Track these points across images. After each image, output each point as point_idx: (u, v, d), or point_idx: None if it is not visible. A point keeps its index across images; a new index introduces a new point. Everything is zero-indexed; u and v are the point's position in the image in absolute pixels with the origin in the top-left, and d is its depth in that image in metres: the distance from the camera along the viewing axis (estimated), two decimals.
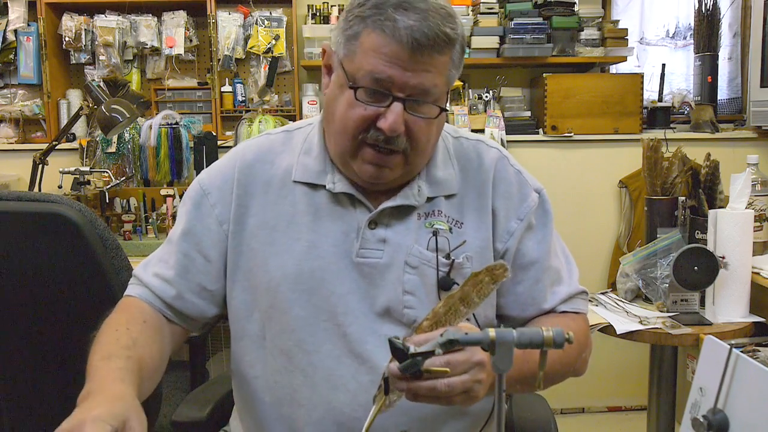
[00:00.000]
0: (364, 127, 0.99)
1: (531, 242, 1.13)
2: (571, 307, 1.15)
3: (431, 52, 0.95)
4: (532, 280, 1.13)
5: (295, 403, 1.07)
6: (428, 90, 0.97)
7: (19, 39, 2.96)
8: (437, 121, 1.03)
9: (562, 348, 0.75)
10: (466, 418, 1.11)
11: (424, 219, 1.09)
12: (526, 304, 1.13)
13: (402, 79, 0.95)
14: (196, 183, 1.15)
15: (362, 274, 1.07)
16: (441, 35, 0.94)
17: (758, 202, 2.04)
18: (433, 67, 0.96)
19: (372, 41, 0.95)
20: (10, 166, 2.99)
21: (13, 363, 1.46)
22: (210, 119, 3.07)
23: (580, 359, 1.12)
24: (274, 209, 1.10)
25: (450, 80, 1.01)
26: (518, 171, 1.16)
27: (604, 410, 3.12)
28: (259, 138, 1.18)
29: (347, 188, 1.08)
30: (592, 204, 3.02)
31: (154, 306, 1.10)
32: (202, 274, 1.11)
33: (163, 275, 1.11)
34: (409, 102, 0.97)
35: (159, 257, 1.14)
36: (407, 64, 0.95)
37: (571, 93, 2.93)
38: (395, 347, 0.80)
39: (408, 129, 0.99)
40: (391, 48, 0.94)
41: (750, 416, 0.93)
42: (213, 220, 1.11)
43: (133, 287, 1.13)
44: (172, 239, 1.13)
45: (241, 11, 3.02)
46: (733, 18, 3.16)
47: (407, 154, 1.02)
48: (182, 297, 1.10)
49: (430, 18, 0.94)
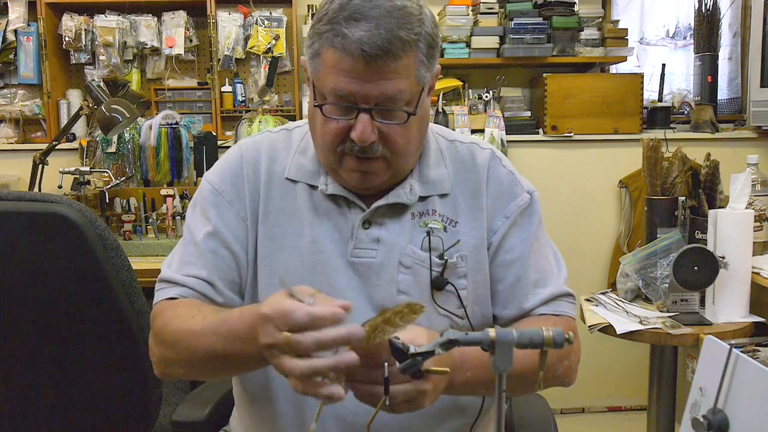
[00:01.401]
0: (340, 139, 1.00)
1: (514, 240, 1.12)
2: (553, 309, 1.13)
3: (386, 60, 0.94)
4: (513, 278, 1.12)
5: (297, 400, 1.07)
6: (393, 97, 0.97)
7: (19, 39, 2.96)
8: (417, 120, 1.02)
9: (561, 347, 0.75)
10: (463, 415, 1.12)
11: (419, 218, 1.10)
12: (507, 302, 1.13)
13: (363, 91, 0.95)
14: (207, 184, 1.15)
15: (357, 273, 1.08)
16: (395, 41, 0.93)
17: (758, 202, 2.04)
18: (393, 73, 0.95)
19: (329, 58, 0.96)
20: (10, 166, 2.99)
21: (13, 363, 1.46)
22: (210, 119, 3.07)
23: (562, 366, 1.06)
24: (278, 205, 1.11)
25: (420, 79, 0.99)
26: (510, 171, 1.16)
27: (604, 410, 3.12)
28: (261, 135, 1.19)
29: (339, 190, 1.09)
30: (592, 204, 3.02)
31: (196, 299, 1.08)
32: (233, 270, 1.10)
33: (198, 275, 1.08)
34: (376, 110, 0.98)
35: (182, 260, 1.11)
36: (365, 76, 0.94)
37: (571, 93, 2.93)
38: (395, 347, 0.80)
39: (383, 135, 0.99)
40: (347, 63, 0.94)
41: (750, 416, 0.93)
42: (233, 216, 1.11)
43: (167, 290, 1.09)
44: (196, 241, 1.11)
45: (241, 11, 3.01)
46: (733, 18, 3.16)
47: (388, 159, 1.02)
48: (222, 293, 1.09)
49: (383, 25, 0.93)
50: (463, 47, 2.92)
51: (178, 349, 0.99)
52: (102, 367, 1.45)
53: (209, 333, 0.93)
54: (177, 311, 1.03)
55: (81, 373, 1.46)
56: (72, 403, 1.48)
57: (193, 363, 0.99)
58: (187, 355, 0.98)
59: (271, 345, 0.81)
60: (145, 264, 2.16)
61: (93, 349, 1.45)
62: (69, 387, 1.47)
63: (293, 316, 0.78)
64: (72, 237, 1.32)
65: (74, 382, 1.47)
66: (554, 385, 1.08)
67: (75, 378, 1.46)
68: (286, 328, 0.79)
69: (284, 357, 0.79)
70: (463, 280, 1.10)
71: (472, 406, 1.12)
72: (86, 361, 1.45)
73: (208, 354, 0.94)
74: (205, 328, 0.94)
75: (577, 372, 1.11)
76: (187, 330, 0.97)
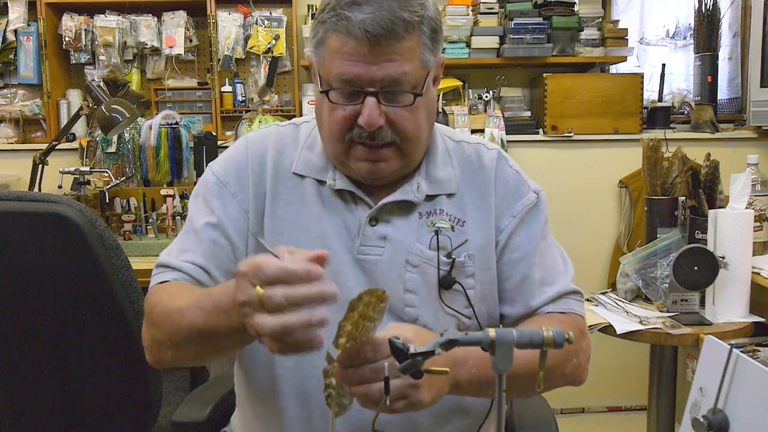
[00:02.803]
0: (347, 126, 1.00)
1: (521, 239, 1.13)
2: (561, 307, 1.13)
3: (390, 40, 0.94)
4: (520, 276, 1.12)
5: (301, 398, 1.07)
6: (398, 79, 0.97)
7: (19, 39, 2.96)
8: (424, 106, 1.02)
9: (561, 347, 0.75)
10: (467, 416, 1.12)
11: (426, 218, 1.10)
12: (514, 300, 1.13)
13: (368, 74, 0.96)
14: (211, 175, 1.14)
15: (364, 271, 1.07)
16: (397, 21, 0.94)
17: (758, 202, 2.04)
18: (398, 55, 0.96)
19: (334, 44, 0.97)
20: (10, 166, 2.99)
21: (13, 363, 1.45)
22: (210, 119, 3.07)
23: (571, 364, 1.06)
24: (285, 199, 1.11)
25: (425, 63, 1.00)
26: (517, 171, 1.17)
27: (604, 410, 3.12)
28: (267, 129, 1.18)
29: (347, 185, 1.08)
30: (592, 204, 3.02)
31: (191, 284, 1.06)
32: (230, 261, 1.09)
33: (195, 261, 1.07)
34: (383, 94, 0.98)
35: (181, 248, 1.10)
36: (369, 59, 0.95)
37: (571, 93, 2.93)
38: (395, 347, 0.80)
39: (390, 120, 0.99)
40: (350, 46, 0.95)
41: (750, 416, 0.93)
42: (236, 208, 1.11)
43: (162, 274, 1.07)
44: (196, 228, 1.10)
45: (241, 11, 3.01)
46: (733, 18, 3.16)
47: (399, 145, 1.02)
48: (217, 281, 1.08)
49: (385, 7, 0.94)
50: (463, 47, 2.92)
51: (165, 327, 0.96)
52: (102, 367, 1.45)
53: (194, 307, 0.91)
54: (167, 291, 1.02)
55: (81, 373, 1.46)
56: (72, 403, 1.48)
57: (180, 343, 0.95)
58: (174, 333, 0.95)
59: (244, 302, 0.77)
60: (145, 264, 2.16)
61: (93, 349, 1.45)
62: (69, 387, 1.47)
63: (265, 270, 0.75)
64: (72, 237, 1.31)
65: (74, 382, 1.47)
66: (564, 384, 1.07)
67: (75, 378, 1.46)
68: (258, 282, 0.75)
69: (256, 314, 0.76)
70: (470, 279, 1.10)
71: (478, 407, 1.11)
72: (86, 361, 1.45)
73: (192, 329, 0.91)
74: (190, 303, 0.92)
75: (587, 370, 1.10)
76: (174, 307, 0.95)
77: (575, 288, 1.15)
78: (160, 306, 0.99)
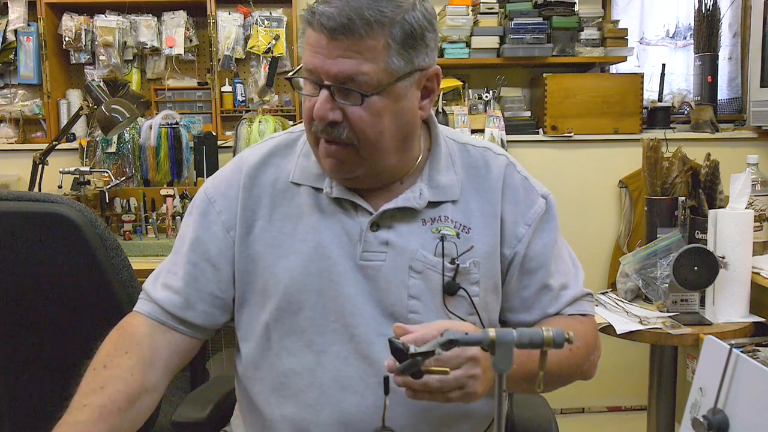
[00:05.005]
0: (310, 117, 1.01)
1: (538, 246, 1.13)
2: (576, 310, 1.15)
3: (348, 36, 0.94)
4: (539, 284, 1.13)
5: (302, 404, 1.07)
6: (352, 77, 0.95)
7: (19, 39, 2.96)
8: (393, 113, 1.00)
9: (561, 348, 0.75)
10: (469, 420, 1.11)
11: (430, 224, 1.09)
12: (532, 308, 1.14)
13: (324, 67, 0.96)
14: (202, 192, 1.15)
15: (367, 277, 1.06)
16: (357, 20, 0.93)
17: (758, 202, 2.04)
18: (355, 53, 0.95)
19: (307, 36, 0.99)
20: (10, 166, 2.99)
21: (13, 363, 1.45)
22: (210, 119, 3.07)
23: (589, 362, 1.12)
24: (280, 211, 1.10)
25: (392, 67, 0.97)
26: (525, 177, 1.16)
27: (604, 410, 3.12)
28: (263, 143, 1.19)
29: (344, 194, 1.07)
30: (592, 204, 3.02)
31: (161, 322, 1.10)
32: (212, 283, 1.11)
33: (172, 285, 1.11)
34: (337, 89, 0.97)
35: (167, 269, 1.14)
36: (326, 52, 0.95)
37: (571, 93, 2.93)
38: (395, 347, 0.80)
39: (348, 119, 0.98)
40: (314, 38, 0.96)
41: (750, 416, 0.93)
42: (219, 228, 1.11)
43: (141, 303, 1.13)
44: (181, 250, 1.13)
45: (241, 11, 3.01)
46: (733, 18, 3.16)
47: (357, 147, 1.00)
48: (193, 307, 1.10)
49: (353, 4, 0.93)
50: (463, 47, 2.92)
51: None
52: None
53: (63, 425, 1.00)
54: (106, 348, 1.10)
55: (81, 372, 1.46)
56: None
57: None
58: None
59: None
60: (144, 264, 2.16)
61: (93, 349, 1.44)
62: (69, 386, 1.47)
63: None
64: (72, 237, 1.32)
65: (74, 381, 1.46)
66: (580, 379, 1.13)
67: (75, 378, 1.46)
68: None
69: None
70: (475, 286, 1.09)
71: (480, 411, 1.10)
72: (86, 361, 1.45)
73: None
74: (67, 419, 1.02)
75: (597, 366, 1.16)
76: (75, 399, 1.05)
77: (587, 290, 1.18)
78: (98, 360, 1.08)
